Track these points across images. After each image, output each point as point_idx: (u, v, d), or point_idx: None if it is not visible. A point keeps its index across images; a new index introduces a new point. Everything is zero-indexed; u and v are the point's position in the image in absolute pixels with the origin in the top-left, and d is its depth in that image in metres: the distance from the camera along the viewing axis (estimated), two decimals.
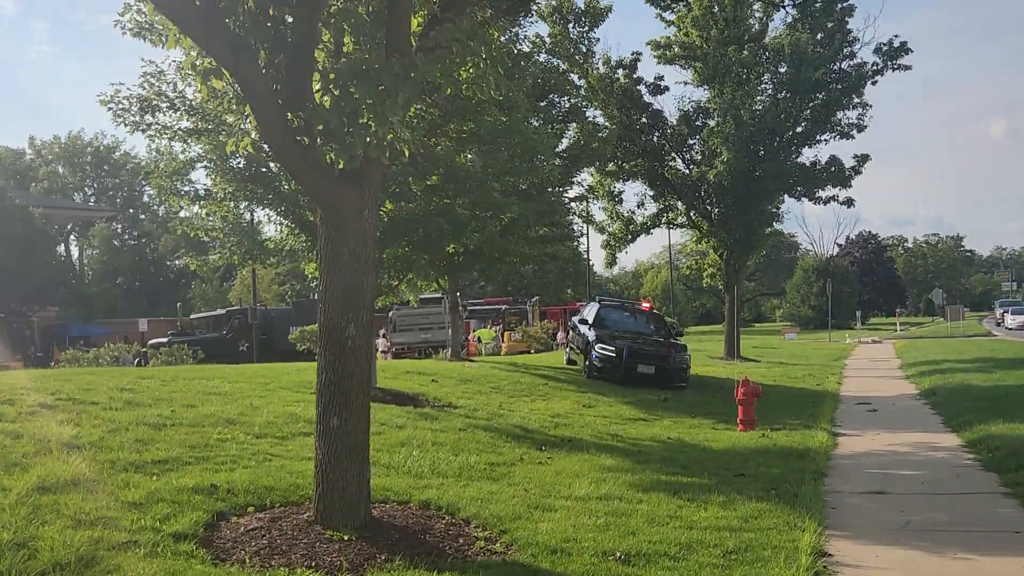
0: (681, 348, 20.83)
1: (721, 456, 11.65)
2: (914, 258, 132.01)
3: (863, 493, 9.47)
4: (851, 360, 33.19)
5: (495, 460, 10.46)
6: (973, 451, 11.86)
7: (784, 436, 13.70)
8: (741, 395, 15.04)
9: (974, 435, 12.78)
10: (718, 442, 13.07)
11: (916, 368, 26.34)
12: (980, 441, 12.22)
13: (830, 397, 19.87)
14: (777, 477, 10.05)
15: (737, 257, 30.28)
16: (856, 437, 13.93)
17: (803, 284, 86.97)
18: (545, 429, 13.53)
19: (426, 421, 12.45)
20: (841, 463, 11.42)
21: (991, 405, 15.75)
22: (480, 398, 15.97)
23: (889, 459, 11.64)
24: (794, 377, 24.70)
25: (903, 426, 14.95)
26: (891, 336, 55.92)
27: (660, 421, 15.80)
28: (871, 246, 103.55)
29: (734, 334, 30.86)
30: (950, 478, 10.15)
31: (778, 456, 11.66)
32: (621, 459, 11.16)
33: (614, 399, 18.10)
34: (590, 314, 22.80)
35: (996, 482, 9.76)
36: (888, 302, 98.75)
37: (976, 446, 12.06)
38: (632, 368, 19.98)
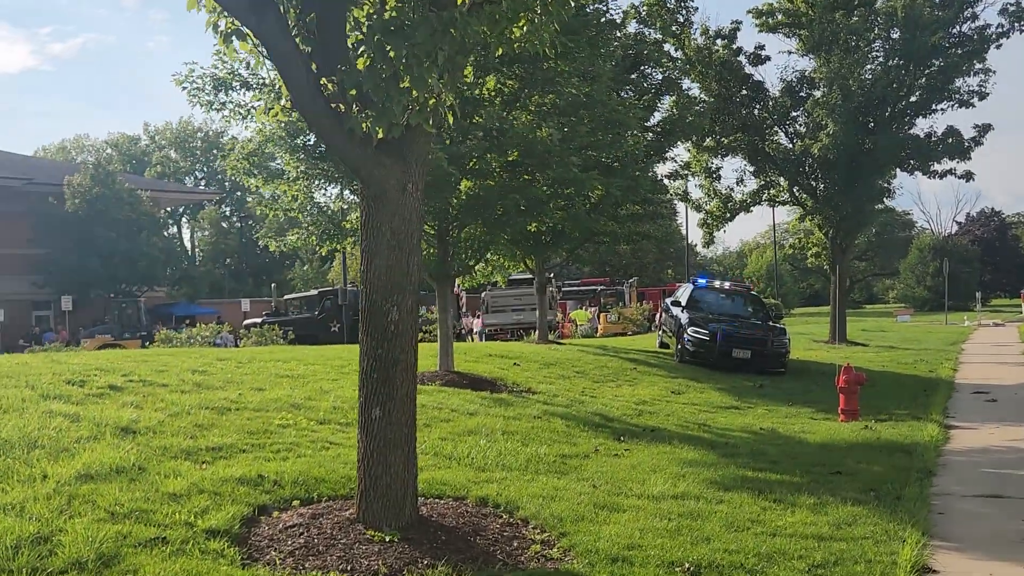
0: (780, 331, 19.71)
1: (817, 450, 10.72)
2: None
3: (977, 497, 8.46)
4: (969, 344, 31.15)
5: (567, 452, 9.82)
6: None
7: (889, 428, 12.62)
8: (843, 383, 13.97)
9: None
10: (815, 434, 12.11)
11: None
12: None
13: (944, 385, 18.46)
14: (878, 476, 9.10)
15: (844, 236, 28.65)
16: (971, 430, 12.73)
17: (918, 264, 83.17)
18: (627, 417, 12.81)
19: (500, 408, 11.90)
20: (952, 460, 10.34)
21: None
22: (562, 383, 15.34)
23: (1009, 457, 10.50)
24: (904, 363, 23.19)
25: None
26: (1015, 319, 52.66)
27: (754, 410, 14.86)
28: (994, 224, 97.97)
29: (840, 316, 29.28)
30: None
31: (881, 451, 10.66)
32: (705, 452, 10.36)
33: (706, 385, 17.20)
34: (683, 295, 21.85)
35: None
36: (1012, 283, 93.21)
37: None
38: (726, 352, 19.00)
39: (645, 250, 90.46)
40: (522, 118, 13.39)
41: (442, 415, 10.96)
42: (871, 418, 13.72)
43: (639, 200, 21.11)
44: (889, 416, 13.95)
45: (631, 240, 22.65)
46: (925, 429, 12.30)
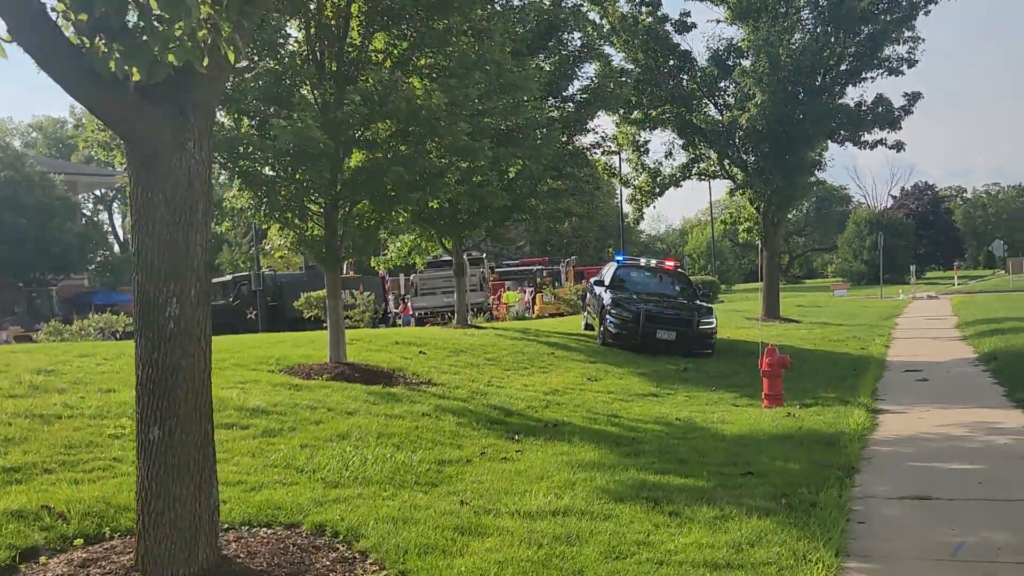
0: (706, 311, 18.71)
1: (732, 445, 9.65)
2: (973, 209, 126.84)
3: (902, 499, 7.42)
4: (902, 319, 30.67)
5: (448, 456, 8.59)
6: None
7: (814, 415, 11.64)
8: (765, 366, 12.97)
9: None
10: (733, 424, 11.06)
11: (974, 327, 23.87)
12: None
13: (875, 363, 17.65)
14: (794, 476, 8.03)
15: (775, 209, 27.81)
16: (900, 415, 11.81)
17: (855, 238, 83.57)
18: (531, 410, 11.64)
19: (386, 404, 10.62)
20: (879, 453, 9.35)
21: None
22: (468, 372, 14.12)
23: (939, 446, 9.54)
24: (836, 340, 22.43)
25: (958, 399, 12.78)
26: (948, 291, 52.83)
27: (673, 396, 13.80)
28: (927, 197, 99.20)
29: (772, 293, 28.52)
30: (1016, 475, 8.04)
31: (802, 443, 9.62)
32: (607, 451, 9.22)
33: (627, 370, 16.13)
34: (607, 275, 20.75)
35: None
36: (946, 255, 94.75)
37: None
38: (650, 334, 17.95)
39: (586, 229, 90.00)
40: (415, 83, 12.06)
41: (314, 416, 9.66)
42: (796, 403, 12.75)
43: (559, 175, 19.90)
44: (815, 400, 13.00)
45: (554, 217, 21.45)
46: (852, 415, 11.34)
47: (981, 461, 8.66)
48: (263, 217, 12.29)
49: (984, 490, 7.56)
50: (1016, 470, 8.20)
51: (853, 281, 76.55)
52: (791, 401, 13.00)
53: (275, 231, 13.50)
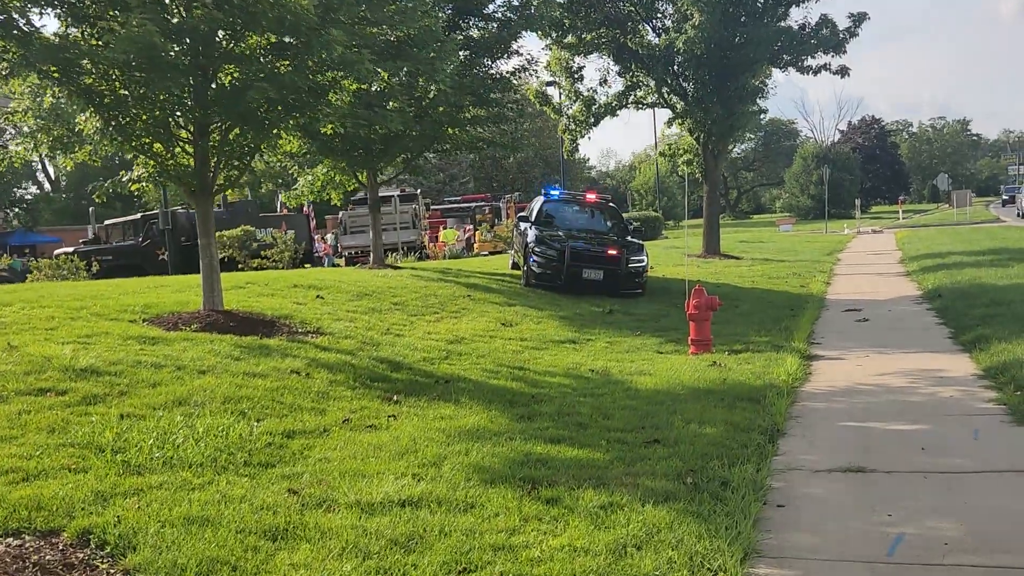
0: (637, 248, 17.40)
1: (644, 403, 8.38)
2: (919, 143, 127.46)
3: (832, 472, 6.22)
4: (846, 254, 29.81)
5: (301, 426, 7.19)
6: (993, 384, 8.61)
7: (743, 363, 10.45)
8: (692, 309, 11.73)
9: (992, 359, 9.52)
10: (652, 376, 9.81)
11: (919, 262, 22.98)
12: (1001, 369, 8.95)
13: (814, 302, 16.58)
14: (709, 444, 6.79)
15: (716, 141, 26.47)
16: (837, 362, 10.69)
17: (802, 173, 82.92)
18: (425, 363, 10.27)
19: (252, 360, 9.16)
20: (809, 411, 8.17)
21: (1010, 312, 12.47)
22: (367, 319, 12.68)
23: (877, 401, 8.38)
24: (776, 277, 21.36)
25: (900, 343, 11.70)
26: (893, 225, 52.42)
27: (593, 343, 12.53)
28: (874, 131, 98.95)
29: (713, 228, 27.35)
30: (963, 439, 6.89)
31: (724, 400, 8.40)
32: (498, 413, 7.91)
33: (547, 313, 14.81)
34: (533, 209, 19.33)
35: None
36: (891, 190, 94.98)
37: (996, 376, 8.80)
38: (576, 273, 16.63)
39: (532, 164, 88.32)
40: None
41: (157, 377, 8.16)
42: (725, 349, 11.57)
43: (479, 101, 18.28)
44: (746, 346, 11.82)
45: (474, 147, 19.85)
46: (784, 363, 10.16)
47: (925, 420, 7.50)
48: (114, 143, 10.61)
49: (928, 459, 6.38)
50: (963, 432, 7.04)
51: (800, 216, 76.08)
52: (720, 346, 11.83)
53: (142, 161, 11.81)
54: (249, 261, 25.42)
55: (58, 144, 11.59)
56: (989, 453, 6.42)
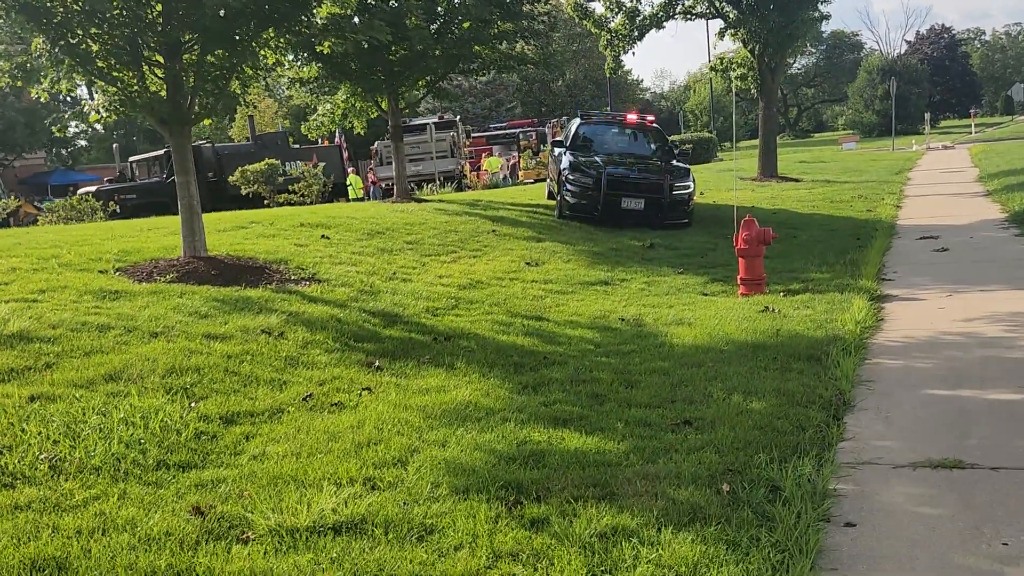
0: (682, 173, 15.65)
1: (678, 365, 6.89)
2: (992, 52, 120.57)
3: (918, 468, 4.70)
4: (916, 173, 27.51)
5: (247, 407, 5.86)
6: None
7: (800, 307, 8.87)
8: (741, 244, 10.12)
9: None
10: (691, 327, 8.29)
11: (999, 180, 20.79)
12: None
13: (883, 229, 14.75)
14: (754, 426, 5.31)
15: (773, 53, 24.22)
16: (914, 303, 9.05)
17: (866, 87, 78.86)
18: (428, 315, 8.88)
19: (219, 318, 7.87)
20: (883, 370, 6.61)
21: None
22: (373, 262, 11.31)
23: (968, 358, 6.77)
24: (840, 201, 19.42)
25: (987, 278, 9.98)
26: (965, 140, 49.25)
27: (628, 284, 11.01)
28: (943, 41, 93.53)
29: (769, 148, 25.28)
30: None
31: (776, 359, 6.88)
32: (500, 382, 6.51)
33: (581, 248, 13.29)
34: (568, 133, 17.63)
35: None
36: (962, 102, 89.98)
37: None
38: (614, 203, 15.00)
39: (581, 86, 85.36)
40: None
41: (100, 342, 6.90)
42: (781, 289, 9.99)
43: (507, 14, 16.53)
44: (805, 284, 10.21)
45: (505, 66, 18.12)
46: (850, 307, 8.56)
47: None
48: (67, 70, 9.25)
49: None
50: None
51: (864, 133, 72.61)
52: (775, 285, 10.27)
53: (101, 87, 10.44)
54: (275, 197, 24.19)
55: (20, 72, 10.26)
56: None
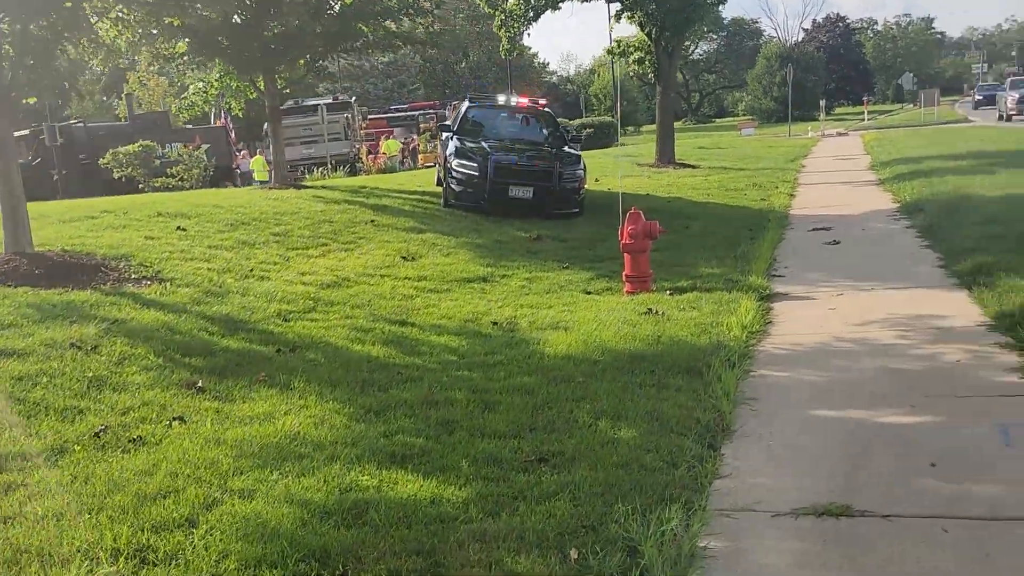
0: (572, 160, 14.96)
1: (546, 380, 6.13)
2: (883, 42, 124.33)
3: (800, 515, 4.04)
4: (810, 160, 27.56)
5: (16, 448, 4.86)
6: (1011, 341, 6.46)
7: (686, 308, 8.24)
8: (626, 238, 9.45)
9: (1003, 302, 7.38)
10: (568, 332, 7.56)
11: (891, 169, 20.79)
12: (1019, 318, 6.79)
13: (776, 219, 14.36)
14: (620, 462, 4.60)
15: (670, 36, 23.79)
16: (804, 303, 8.54)
17: (765, 74, 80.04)
18: (276, 321, 7.93)
19: (26, 328, 6.76)
20: (767, 386, 5.99)
21: (1011, 233, 10.31)
22: (228, 257, 10.27)
23: (859, 369, 6.21)
24: (735, 189, 19.07)
25: (880, 273, 9.57)
26: (859, 127, 50.22)
27: (509, 280, 10.24)
28: (839, 30, 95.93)
29: (668, 134, 24.89)
30: (986, 440, 4.74)
31: (654, 372, 6.19)
32: (338, 406, 5.64)
33: (463, 240, 12.47)
34: (457, 117, 16.77)
35: None
36: (856, 90, 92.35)
37: (1013, 329, 6.65)
38: (501, 191, 14.22)
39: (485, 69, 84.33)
40: None
41: None
42: (668, 286, 9.38)
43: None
44: (694, 282, 9.60)
45: (389, 46, 17.13)
46: (737, 310, 7.96)
47: (928, 406, 5.34)
48: None
49: (943, 487, 4.23)
50: (985, 430, 4.89)
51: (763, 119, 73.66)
52: (663, 281, 9.66)
53: None
54: (151, 181, 22.67)
55: None
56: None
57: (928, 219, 12.41)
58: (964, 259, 9.38)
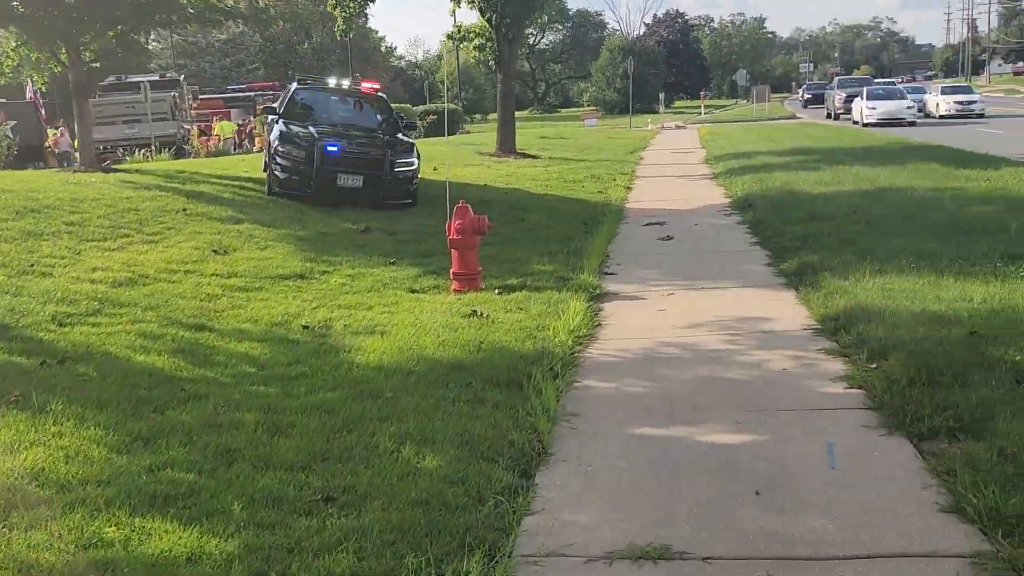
0: (405, 149, 14.27)
1: (350, 396, 5.51)
2: (719, 39, 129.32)
3: (615, 559, 3.60)
4: (649, 152, 27.93)
5: None
6: (836, 347, 6.32)
7: (514, 309, 7.80)
8: (454, 234, 8.91)
9: (827, 304, 7.27)
10: (385, 337, 6.95)
11: (724, 163, 21.17)
12: (842, 322, 6.68)
13: (611, 213, 14.19)
14: (417, 499, 4.03)
15: (510, 24, 23.45)
16: (634, 303, 8.25)
17: (608, 66, 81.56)
18: (49, 327, 6.93)
19: None
20: (591, 399, 5.57)
21: (834, 231, 10.46)
22: (6, 250, 9.06)
23: (684, 380, 5.89)
24: (573, 181, 18.89)
25: (710, 271, 9.44)
26: (696, 120, 51.71)
27: (329, 277, 9.51)
28: (678, 25, 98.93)
29: (509, 123, 24.56)
30: (814, 462, 4.45)
31: (471, 384, 5.67)
32: (100, 433, 4.83)
33: (284, 232, 11.61)
34: (283, 100, 15.77)
35: (916, 477, 4.14)
36: (694, 84, 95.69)
37: (837, 333, 6.52)
38: (330, 180, 13.39)
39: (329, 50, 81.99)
40: None
41: None
42: (498, 284, 8.94)
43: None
44: (524, 279, 9.18)
45: (208, 20, 15.94)
46: (566, 311, 7.56)
47: (754, 423, 5.04)
48: None
49: (767, 518, 3.88)
50: (812, 449, 4.61)
51: (607, 110, 74.99)
52: (493, 278, 9.20)
53: None
54: None
55: None
56: (863, 506, 3.98)
57: (757, 215, 12.49)
58: (790, 257, 9.37)
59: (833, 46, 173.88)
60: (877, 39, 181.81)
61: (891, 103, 36.60)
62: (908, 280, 7.64)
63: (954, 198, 12.25)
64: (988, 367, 5.22)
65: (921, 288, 7.30)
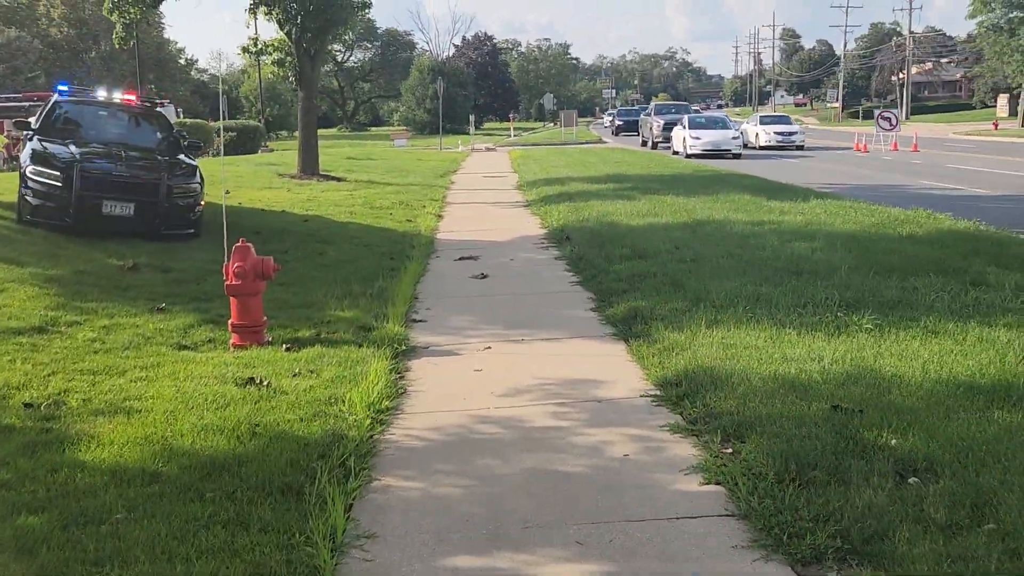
0: (186, 171, 12.51)
1: (62, 521, 4.03)
2: (527, 63, 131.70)
3: None
4: (460, 176, 27.04)
5: None
6: (682, 423, 5.42)
7: (303, 373, 6.49)
8: (232, 279, 7.47)
9: (665, 365, 6.42)
10: (135, 418, 5.45)
11: (538, 190, 20.52)
12: (686, 389, 5.80)
13: (421, 246, 13.03)
14: None
15: (311, 39, 21.88)
16: (447, 360, 7.12)
17: (418, 86, 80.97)
18: None
19: None
20: (389, 512, 4.35)
21: (660, 270, 9.75)
22: None
23: (502, 477, 4.78)
24: (380, 207, 17.59)
25: (531, 318, 8.45)
26: (506, 143, 51.64)
27: (77, 329, 7.79)
28: (487, 48, 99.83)
29: (312, 143, 22.94)
30: None
31: (234, 501, 4.32)
32: None
33: (32, 271, 9.68)
34: (40, 113, 13.62)
35: None
36: (503, 107, 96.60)
37: (680, 402, 5.66)
38: (92, 207, 11.48)
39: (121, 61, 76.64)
40: None
41: None
42: (287, 336, 7.60)
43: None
44: (319, 330, 7.85)
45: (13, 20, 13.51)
46: (366, 376, 6.31)
47: (598, 537, 3.98)
48: None
49: None
50: (666, 570, 3.61)
51: (417, 130, 74.23)
52: (282, 328, 7.87)
53: None
54: None
55: None
56: None
57: (576, 250, 11.69)
58: (616, 301, 8.54)
59: (633, 73, 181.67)
60: (673, 68, 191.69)
61: (716, 133, 34.25)
62: (748, 333, 6.91)
63: (775, 232, 11.94)
64: (863, 455, 4.43)
65: (764, 344, 6.57)
